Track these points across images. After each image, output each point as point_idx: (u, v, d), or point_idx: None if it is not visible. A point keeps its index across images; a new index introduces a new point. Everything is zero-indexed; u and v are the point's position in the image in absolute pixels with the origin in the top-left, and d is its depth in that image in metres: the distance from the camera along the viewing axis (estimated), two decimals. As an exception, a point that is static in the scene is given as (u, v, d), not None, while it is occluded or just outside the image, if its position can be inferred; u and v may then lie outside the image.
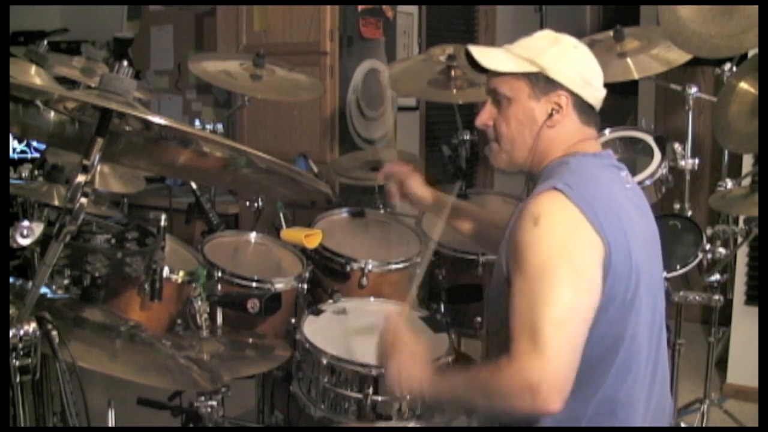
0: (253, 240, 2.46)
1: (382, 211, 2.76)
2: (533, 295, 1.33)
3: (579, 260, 1.35)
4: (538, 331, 1.29)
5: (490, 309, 1.58)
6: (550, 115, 1.51)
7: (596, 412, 1.42)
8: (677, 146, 2.47)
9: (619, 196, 1.48)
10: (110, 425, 1.92)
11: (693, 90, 2.57)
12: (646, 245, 1.48)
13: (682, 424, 2.87)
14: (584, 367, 1.38)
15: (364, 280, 2.32)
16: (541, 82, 1.51)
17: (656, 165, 2.33)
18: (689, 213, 2.55)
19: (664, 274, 2.28)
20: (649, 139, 2.41)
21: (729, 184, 2.56)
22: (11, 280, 1.47)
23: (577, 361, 1.32)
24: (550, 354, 1.28)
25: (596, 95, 1.55)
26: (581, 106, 1.53)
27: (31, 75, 2.28)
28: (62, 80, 2.50)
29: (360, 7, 3.61)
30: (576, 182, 1.42)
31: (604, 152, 1.57)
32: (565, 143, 1.54)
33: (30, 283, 1.33)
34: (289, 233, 2.27)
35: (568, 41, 1.55)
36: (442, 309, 2.36)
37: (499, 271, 1.50)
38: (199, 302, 1.96)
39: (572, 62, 1.52)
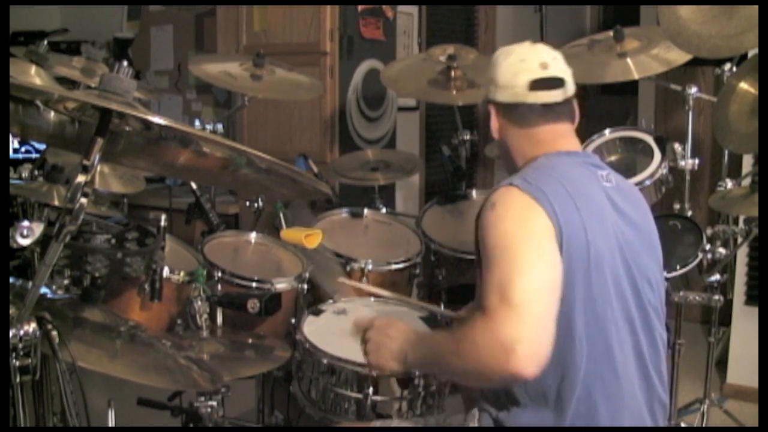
0: (253, 240, 2.46)
1: (382, 211, 2.76)
2: (500, 272, 1.36)
3: (536, 236, 1.40)
4: (511, 299, 1.32)
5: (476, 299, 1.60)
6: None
7: (577, 411, 1.43)
8: (677, 146, 2.47)
9: (583, 188, 1.49)
10: (110, 425, 1.92)
11: (693, 90, 2.57)
12: (622, 240, 1.49)
13: (682, 424, 2.87)
14: (556, 366, 1.40)
15: (364, 280, 2.32)
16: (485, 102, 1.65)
17: (656, 165, 2.33)
18: (689, 213, 2.54)
19: (664, 274, 2.28)
20: (649, 139, 2.41)
21: (729, 184, 2.56)
22: (11, 280, 1.47)
23: (552, 330, 1.33)
24: (526, 314, 1.30)
25: (511, 91, 1.57)
26: (504, 109, 1.60)
27: (31, 75, 2.28)
28: (62, 80, 2.50)
29: (360, 7, 3.60)
30: (534, 177, 1.48)
31: (579, 152, 1.61)
32: (524, 148, 1.60)
33: (30, 283, 1.33)
34: (289, 233, 2.27)
35: (496, 54, 1.63)
36: (442, 309, 2.36)
37: (476, 263, 1.54)
38: (199, 302, 1.96)
39: (490, 73, 1.62)
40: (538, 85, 1.56)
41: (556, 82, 1.57)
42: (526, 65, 1.57)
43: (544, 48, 1.62)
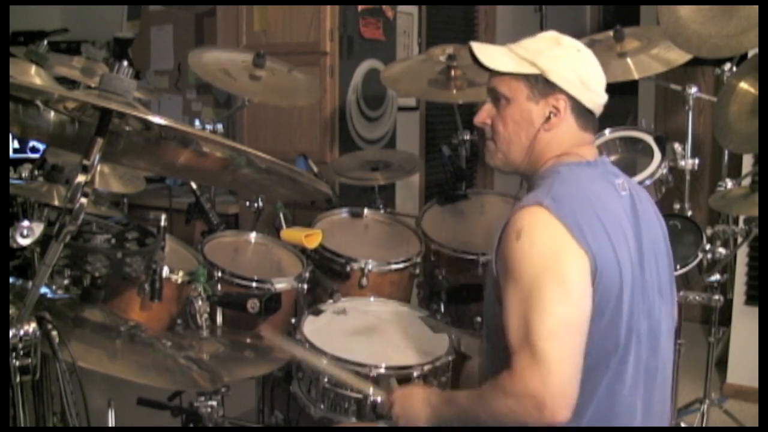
0: (253, 240, 2.46)
1: (382, 211, 2.76)
2: (524, 311, 1.34)
3: (564, 272, 1.35)
4: (534, 345, 1.31)
5: (485, 308, 1.59)
6: (548, 119, 1.51)
7: (591, 423, 1.42)
8: (677, 146, 2.47)
9: (611, 208, 1.47)
10: (110, 425, 1.92)
11: (693, 90, 2.57)
12: (642, 254, 1.47)
13: (682, 424, 2.87)
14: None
15: (364, 280, 2.32)
16: (540, 85, 1.51)
17: (656, 165, 2.33)
18: (689, 213, 2.55)
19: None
20: (649, 139, 2.41)
21: (729, 184, 2.56)
22: (11, 280, 1.47)
23: (579, 369, 1.33)
24: (550, 365, 1.29)
25: (596, 100, 1.53)
26: (579, 110, 1.52)
27: (31, 75, 2.28)
28: (62, 80, 2.50)
29: (360, 7, 3.60)
30: (563, 195, 1.42)
31: (598, 160, 1.56)
32: (560, 147, 1.53)
33: (30, 283, 1.33)
34: (289, 233, 2.27)
35: (570, 44, 1.54)
36: (442, 309, 2.36)
37: (490, 273, 1.51)
38: (199, 302, 1.96)
39: (572, 65, 1.50)
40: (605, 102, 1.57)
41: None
42: (604, 79, 1.56)
43: None
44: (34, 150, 3.89)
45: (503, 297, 1.40)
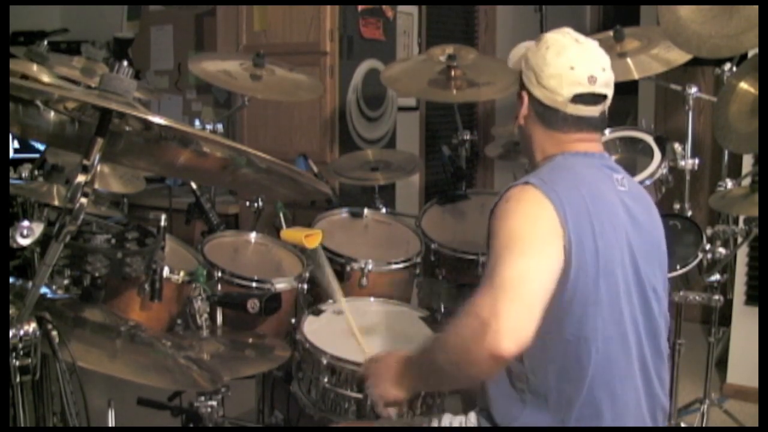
0: (253, 240, 2.46)
1: (382, 211, 2.76)
2: (498, 258, 1.36)
3: (540, 235, 1.39)
4: (494, 276, 1.33)
5: None
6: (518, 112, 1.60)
7: (581, 414, 1.43)
8: (677, 146, 2.47)
9: (603, 196, 1.48)
10: (110, 425, 1.92)
11: (693, 90, 2.57)
12: (633, 248, 1.48)
13: (682, 424, 2.87)
14: (561, 369, 1.41)
15: (364, 280, 2.32)
16: (519, 82, 1.60)
17: (656, 165, 2.33)
18: (689, 213, 2.54)
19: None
20: (649, 139, 2.41)
21: (729, 184, 2.56)
22: (11, 280, 1.47)
23: (534, 313, 1.31)
24: (503, 291, 1.30)
25: (553, 97, 1.51)
26: (538, 106, 1.55)
27: (33, 73, 2.27)
28: (62, 80, 2.49)
29: (360, 7, 3.60)
30: (551, 177, 1.46)
31: (596, 153, 1.57)
32: (543, 144, 1.57)
33: (30, 283, 1.33)
34: (289, 233, 2.27)
35: (543, 41, 1.55)
36: (442, 309, 2.36)
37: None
38: (199, 302, 1.96)
39: (534, 62, 1.54)
40: (581, 99, 1.51)
41: (598, 99, 1.53)
42: (575, 76, 1.49)
43: (596, 53, 1.54)
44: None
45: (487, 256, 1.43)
